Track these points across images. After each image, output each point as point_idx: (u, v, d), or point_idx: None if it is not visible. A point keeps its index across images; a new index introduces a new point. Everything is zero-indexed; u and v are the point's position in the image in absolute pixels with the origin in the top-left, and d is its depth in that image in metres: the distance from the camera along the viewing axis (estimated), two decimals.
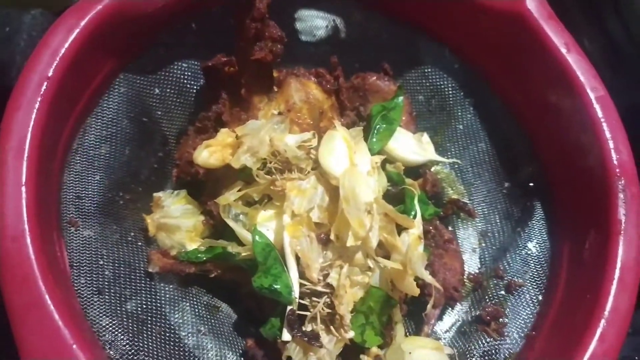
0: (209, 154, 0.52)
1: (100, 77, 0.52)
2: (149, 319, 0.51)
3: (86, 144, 0.52)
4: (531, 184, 0.62)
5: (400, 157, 0.60)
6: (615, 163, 0.51)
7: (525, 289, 0.58)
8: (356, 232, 0.47)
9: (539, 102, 0.60)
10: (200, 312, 0.55)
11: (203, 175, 0.56)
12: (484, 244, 0.63)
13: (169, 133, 0.59)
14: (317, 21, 0.65)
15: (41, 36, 0.48)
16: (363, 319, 0.50)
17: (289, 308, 0.48)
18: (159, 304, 0.53)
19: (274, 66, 0.57)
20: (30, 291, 0.40)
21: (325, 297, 0.48)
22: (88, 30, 0.47)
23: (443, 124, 0.66)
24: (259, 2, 0.52)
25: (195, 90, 0.60)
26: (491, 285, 0.60)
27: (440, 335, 0.59)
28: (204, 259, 0.53)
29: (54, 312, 0.40)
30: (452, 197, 0.64)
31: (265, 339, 0.51)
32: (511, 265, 0.60)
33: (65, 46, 0.46)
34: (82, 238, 0.50)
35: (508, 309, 0.57)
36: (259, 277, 0.48)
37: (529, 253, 0.60)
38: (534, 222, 0.61)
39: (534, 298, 0.57)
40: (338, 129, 0.53)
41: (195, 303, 0.55)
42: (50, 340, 0.40)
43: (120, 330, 0.48)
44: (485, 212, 0.64)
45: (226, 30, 0.56)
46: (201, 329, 0.54)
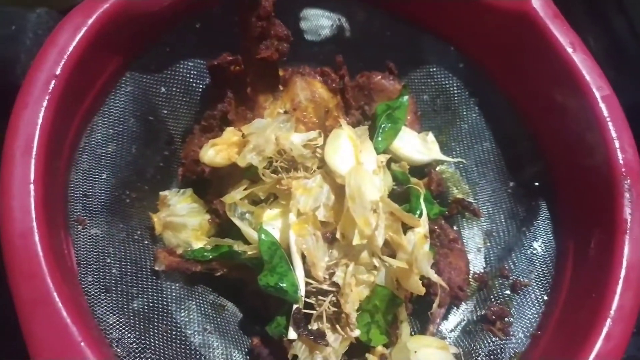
0: (215, 153, 0.52)
1: (106, 76, 0.53)
2: (156, 317, 0.51)
3: (93, 142, 0.52)
4: (536, 184, 0.62)
5: (405, 156, 0.60)
6: (621, 162, 0.51)
7: (530, 288, 0.58)
8: (362, 231, 0.47)
9: (544, 102, 0.60)
10: (206, 311, 0.55)
11: (209, 173, 0.56)
12: (489, 244, 0.63)
13: (174, 132, 0.60)
14: (322, 20, 0.65)
15: (46, 34, 0.48)
16: (369, 317, 0.50)
17: (295, 306, 0.48)
18: (165, 302, 0.53)
19: (280, 65, 0.57)
20: (38, 288, 0.40)
21: (331, 296, 0.49)
22: (95, 28, 0.47)
23: (448, 123, 0.66)
24: (264, 1, 0.52)
25: (201, 89, 0.60)
26: (496, 285, 0.60)
27: (445, 335, 0.59)
28: (210, 257, 0.53)
29: (62, 310, 0.41)
30: (457, 197, 0.64)
31: (271, 337, 0.51)
32: (516, 264, 0.60)
33: (73, 44, 0.46)
34: (89, 236, 0.50)
35: (513, 309, 0.57)
36: (264, 276, 0.48)
37: (534, 252, 0.60)
38: (539, 222, 0.60)
39: (540, 297, 0.57)
40: (344, 128, 0.53)
41: (201, 301, 0.55)
42: (59, 337, 0.40)
43: (127, 328, 0.48)
44: (490, 212, 0.64)
45: (232, 29, 0.56)
46: (207, 327, 0.54)
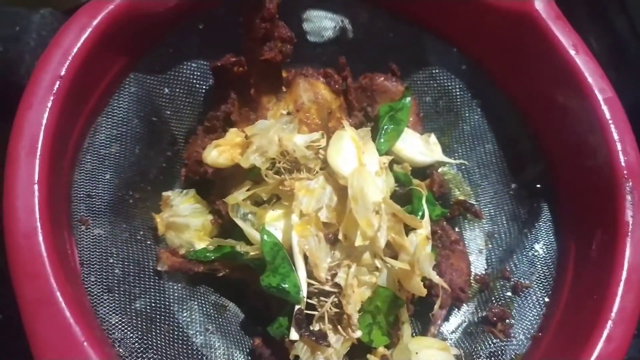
0: (218, 154, 0.52)
1: (110, 77, 0.53)
2: (158, 317, 0.52)
3: (97, 143, 0.52)
4: (538, 185, 0.62)
5: (408, 158, 0.60)
6: (623, 165, 0.51)
7: (531, 290, 0.58)
8: (364, 232, 0.47)
9: (546, 103, 0.60)
10: (208, 311, 0.55)
11: (212, 174, 0.56)
12: (490, 245, 0.63)
13: (178, 132, 0.60)
14: (325, 22, 0.65)
15: (50, 35, 0.48)
16: (370, 318, 0.50)
17: (297, 307, 0.48)
18: (167, 303, 0.53)
19: (283, 66, 0.57)
20: (41, 288, 0.41)
21: (333, 297, 0.49)
22: (100, 29, 0.47)
23: (450, 125, 0.67)
24: (269, 2, 0.52)
25: (204, 90, 0.61)
26: (498, 286, 0.60)
27: (446, 336, 0.59)
28: (212, 258, 0.53)
29: (65, 309, 0.41)
30: (459, 198, 0.64)
31: (272, 338, 0.51)
32: (518, 266, 0.60)
33: (78, 45, 0.46)
34: (92, 236, 0.50)
35: (514, 310, 0.58)
36: (267, 276, 0.49)
37: (535, 254, 0.60)
38: (540, 224, 0.61)
39: (541, 299, 0.58)
40: (346, 129, 0.53)
41: (203, 302, 0.56)
42: (62, 337, 0.40)
43: (129, 328, 0.48)
44: (492, 213, 0.64)
45: (236, 31, 0.56)
46: (209, 327, 0.54)
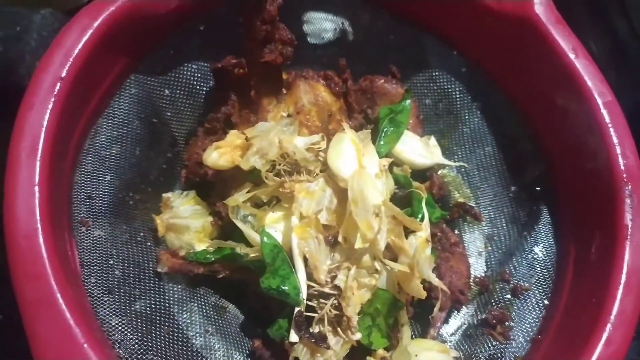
0: (218, 155, 0.52)
1: (111, 78, 0.53)
2: (158, 318, 0.52)
3: (97, 144, 0.52)
4: (538, 188, 0.62)
5: (408, 160, 0.60)
6: (622, 168, 0.51)
7: (531, 292, 0.58)
8: (364, 235, 0.47)
9: (546, 107, 0.60)
10: (208, 313, 0.55)
11: (212, 176, 0.56)
12: (490, 248, 0.63)
13: (178, 134, 0.60)
14: (326, 24, 0.65)
15: (51, 36, 0.48)
16: (370, 321, 0.50)
17: (297, 309, 0.48)
18: (167, 304, 0.53)
19: (283, 68, 0.57)
20: (42, 289, 0.41)
21: (332, 299, 0.49)
22: (101, 31, 0.48)
23: (450, 128, 0.67)
24: (269, 5, 0.52)
25: (204, 92, 0.61)
26: (497, 289, 0.60)
27: (446, 338, 0.59)
28: (213, 259, 0.53)
29: (65, 311, 0.41)
30: (459, 201, 0.64)
31: (272, 339, 0.51)
32: (517, 269, 0.60)
33: (79, 47, 0.46)
34: (93, 238, 0.50)
35: (514, 313, 0.58)
36: (267, 278, 0.49)
37: (535, 257, 0.60)
38: (540, 226, 0.61)
39: (540, 302, 0.58)
40: (346, 132, 0.53)
41: (203, 303, 0.56)
42: (62, 338, 0.40)
43: (129, 330, 0.48)
44: (492, 216, 0.64)
45: (236, 33, 0.57)
46: (209, 329, 0.54)
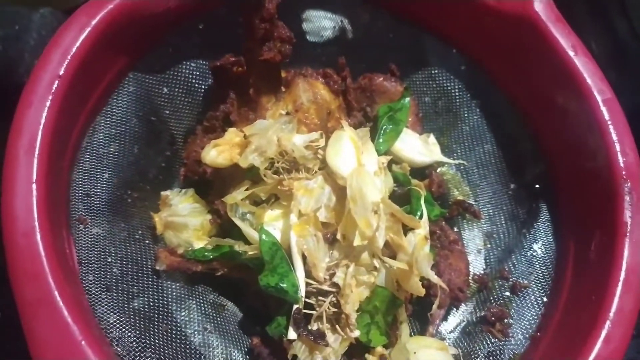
0: (217, 153, 0.52)
1: (109, 76, 0.53)
2: (156, 316, 0.52)
3: (95, 142, 0.52)
4: (537, 186, 0.62)
5: (407, 158, 0.60)
6: (622, 165, 0.51)
7: (530, 290, 0.58)
8: (363, 232, 0.47)
9: (545, 104, 0.60)
10: (206, 310, 0.55)
11: (210, 174, 0.56)
12: (489, 245, 0.63)
13: (177, 132, 0.60)
14: (325, 22, 0.65)
15: (50, 35, 0.48)
16: (368, 318, 0.50)
17: (295, 307, 0.48)
18: (165, 302, 0.53)
19: (282, 66, 0.57)
20: (40, 287, 0.41)
21: (331, 297, 0.49)
22: (99, 29, 0.48)
23: (449, 125, 0.67)
24: (268, 3, 0.52)
25: (203, 90, 0.61)
26: (496, 286, 0.60)
27: (445, 336, 0.59)
28: (211, 257, 0.53)
29: (63, 309, 0.41)
30: (458, 198, 0.64)
31: (271, 337, 0.51)
32: (516, 266, 0.60)
33: (77, 45, 0.46)
34: (91, 235, 0.50)
35: (513, 310, 0.58)
36: (265, 276, 0.49)
37: (534, 254, 0.60)
38: (539, 224, 0.61)
39: (539, 299, 0.58)
40: (345, 129, 0.53)
41: (201, 301, 0.56)
42: (60, 336, 0.40)
43: (127, 327, 0.48)
44: (491, 214, 0.64)
45: (235, 31, 0.57)
46: (207, 327, 0.54)
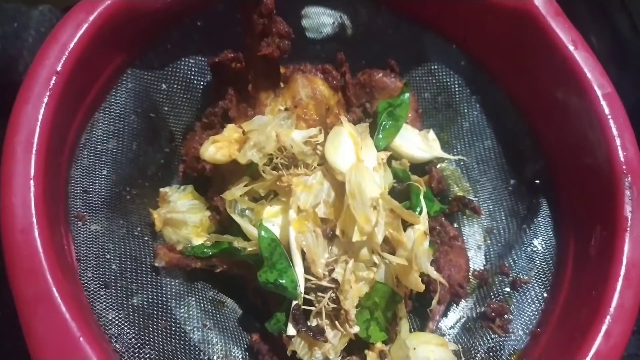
0: (215, 150, 0.52)
1: (108, 73, 0.53)
2: (155, 313, 0.52)
3: (94, 138, 0.52)
4: (537, 181, 0.62)
5: (406, 154, 0.60)
6: (622, 160, 0.51)
7: (530, 285, 0.58)
8: (362, 228, 0.47)
9: (545, 99, 0.59)
10: (205, 307, 0.55)
11: (209, 170, 0.56)
12: (489, 241, 0.63)
13: (175, 129, 0.60)
14: (324, 18, 0.65)
15: (49, 32, 0.48)
16: (368, 314, 0.50)
17: (294, 303, 0.48)
18: (164, 299, 0.53)
19: (281, 62, 0.57)
20: (38, 283, 0.41)
21: (330, 292, 0.49)
22: (97, 25, 0.48)
23: (449, 121, 0.66)
24: None
25: (202, 86, 0.61)
26: (496, 282, 0.60)
27: (445, 332, 0.59)
28: (210, 254, 0.53)
29: (62, 305, 0.41)
30: (458, 194, 0.64)
31: (270, 333, 0.51)
32: (516, 262, 0.60)
33: (74, 41, 0.46)
34: (89, 232, 0.50)
35: (513, 306, 0.57)
36: (264, 272, 0.48)
37: (534, 250, 0.60)
38: (539, 219, 0.60)
39: (539, 295, 0.57)
40: (344, 125, 0.52)
41: (200, 298, 0.56)
42: (58, 332, 0.40)
43: (126, 324, 0.48)
44: (491, 209, 0.64)
45: (233, 27, 0.56)
46: (206, 323, 0.54)
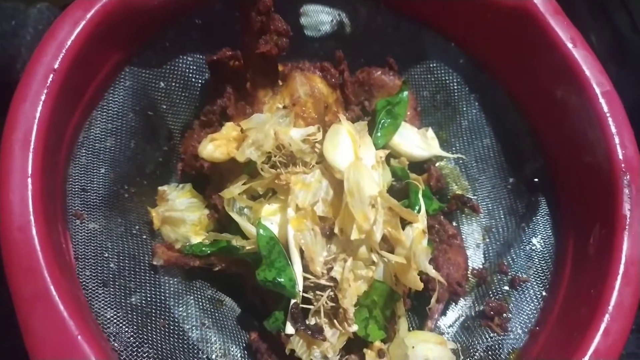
0: (214, 148, 0.52)
1: (105, 70, 0.53)
2: (154, 311, 0.51)
3: (92, 136, 0.52)
4: (536, 180, 0.62)
5: (405, 152, 0.60)
6: (621, 158, 0.51)
7: (529, 284, 0.58)
8: (360, 226, 0.47)
9: (544, 97, 0.59)
10: (204, 306, 0.55)
11: (208, 169, 0.56)
12: (488, 240, 0.63)
13: (174, 127, 0.60)
14: (322, 16, 0.65)
15: (47, 30, 0.48)
16: (366, 312, 0.50)
17: (293, 301, 0.48)
18: (163, 297, 0.53)
19: (279, 60, 0.57)
20: (35, 281, 0.40)
21: (329, 291, 0.49)
22: (94, 22, 0.47)
23: (448, 119, 0.66)
24: None
25: (200, 84, 0.60)
26: (495, 281, 0.59)
27: (443, 330, 0.59)
28: (209, 252, 0.53)
29: (60, 303, 0.41)
30: (457, 193, 0.64)
31: (269, 332, 0.51)
32: (515, 260, 0.60)
33: (72, 38, 0.46)
34: (87, 230, 0.50)
35: (512, 304, 0.57)
36: (262, 271, 0.48)
37: (533, 248, 0.60)
38: (538, 218, 0.60)
39: (538, 293, 0.57)
40: (343, 123, 0.52)
41: (199, 296, 0.55)
42: (56, 331, 0.40)
43: (124, 323, 0.48)
44: (490, 208, 0.64)
45: (231, 25, 0.56)
46: (205, 322, 0.54)
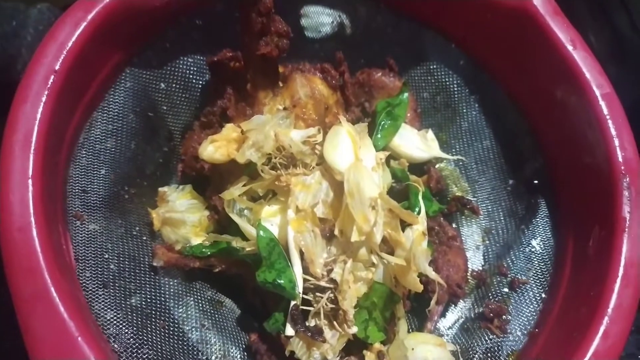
0: (214, 149, 0.52)
1: (106, 71, 0.53)
2: (153, 313, 0.51)
3: (92, 138, 0.52)
4: (536, 181, 0.62)
5: (405, 154, 0.60)
6: (621, 160, 0.51)
7: (528, 286, 0.58)
8: (360, 228, 0.47)
9: (544, 99, 0.59)
10: (204, 307, 0.55)
11: (208, 170, 0.56)
12: (487, 241, 0.63)
13: (174, 128, 0.60)
14: (323, 17, 0.65)
15: (48, 30, 0.48)
16: (366, 314, 0.50)
17: (293, 303, 0.48)
18: (163, 298, 0.53)
19: (280, 61, 0.57)
20: (36, 282, 0.40)
21: (328, 293, 0.49)
22: (95, 23, 0.47)
23: (448, 121, 0.66)
24: None
25: (200, 85, 0.60)
26: (494, 283, 0.60)
27: (443, 332, 0.59)
28: (209, 253, 0.53)
29: (60, 304, 0.41)
30: (456, 194, 0.64)
31: (268, 333, 0.51)
32: (515, 262, 0.60)
33: (72, 39, 0.46)
34: (88, 231, 0.50)
35: (511, 306, 0.57)
36: (262, 272, 0.48)
37: (532, 250, 0.60)
38: (538, 220, 0.60)
39: (538, 295, 0.57)
40: (343, 125, 0.52)
41: (199, 297, 0.56)
42: (56, 331, 0.40)
43: (124, 324, 0.48)
44: (490, 210, 0.64)
45: (232, 26, 0.56)
46: (205, 323, 0.54)
